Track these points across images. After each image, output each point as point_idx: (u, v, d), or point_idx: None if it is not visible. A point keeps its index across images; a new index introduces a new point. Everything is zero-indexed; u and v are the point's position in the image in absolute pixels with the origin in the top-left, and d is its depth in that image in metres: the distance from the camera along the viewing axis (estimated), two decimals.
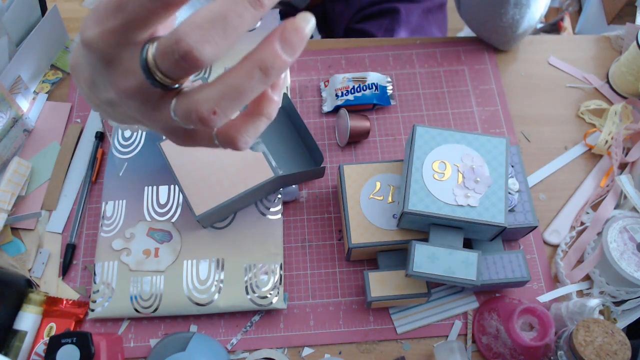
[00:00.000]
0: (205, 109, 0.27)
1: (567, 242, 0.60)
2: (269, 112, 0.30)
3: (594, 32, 1.30)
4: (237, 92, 0.26)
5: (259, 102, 0.30)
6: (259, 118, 0.30)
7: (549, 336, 0.50)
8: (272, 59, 0.25)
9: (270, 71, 0.26)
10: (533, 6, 0.63)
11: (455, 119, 0.67)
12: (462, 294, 0.58)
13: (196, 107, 0.27)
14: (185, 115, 0.28)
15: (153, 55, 0.26)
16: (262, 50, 0.26)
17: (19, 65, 0.64)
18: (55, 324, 0.55)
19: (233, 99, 0.26)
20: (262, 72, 0.26)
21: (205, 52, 0.24)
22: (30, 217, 0.62)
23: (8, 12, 0.63)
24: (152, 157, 0.62)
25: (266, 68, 0.25)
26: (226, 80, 0.26)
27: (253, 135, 0.30)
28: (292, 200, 0.63)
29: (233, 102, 0.27)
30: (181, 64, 0.25)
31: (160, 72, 0.26)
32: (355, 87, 0.67)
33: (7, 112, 0.62)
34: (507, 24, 0.65)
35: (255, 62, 0.26)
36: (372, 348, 0.56)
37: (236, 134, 0.30)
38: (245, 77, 0.26)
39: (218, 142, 0.31)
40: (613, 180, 0.62)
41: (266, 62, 0.25)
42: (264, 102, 0.30)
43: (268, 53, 0.25)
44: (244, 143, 0.30)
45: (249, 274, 0.57)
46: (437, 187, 0.52)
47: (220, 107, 0.27)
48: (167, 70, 0.26)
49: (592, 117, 0.68)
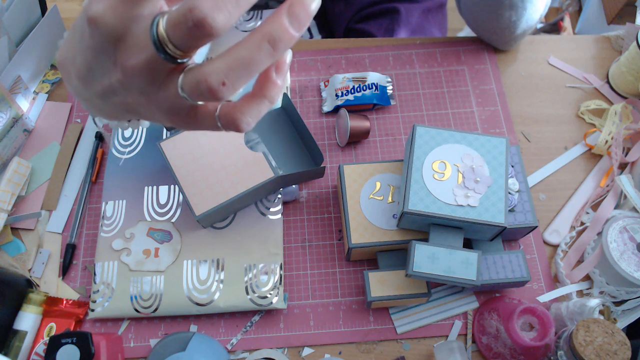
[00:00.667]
0: (214, 79, 0.27)
1: (567, 242, 0.60)
2: (271, 95, 0.30)
3: (594, 32, 1.30)
4: (245, 64, 0.27)
5: (262, 84, 0.30)
6: (261, 100, 0.30)
7: (549, 336, 0.50)
8: (280, 32, 0.26)
9: (278, 44, 0.27)
10: (530, 8, 0.63)
11: (455, 119, 0.67)
12: (462, 294, 0.58)
13: (205, 78, 0.27)
14: (193, 88, 0.28)
15: (164, 27, 0.26)
16: (271, 24, 0.26)
17: (19, 65, 0.64)
18: (55, 324, 0.55)
19: (241, 70, 0.27)
20: (270, 45, 0.27)
21: (218, 19, 0.25)
22: (30, 217, 0.62)
23: (8, 12, 0.63)
24: (152, 157, 0.62)
25: (274, 41, 0.26)
26: (235, 53, 0.27)
27: (255, 117, 0.31)
28: (292, 200, 0.63)
29: (241, 73, 0.27)
30: (194, 32, 0.25)
31: (172, 44, 0.27)
32: (355, 87, 0.67)
33: (7, 112, 0.62)
34: (505, 25, 0.65)
35: (264, 34, 0.26)
36: (372, 348, 0.56)
37: (239, 115, 0.30)
38: (254, 50, 0.27)
39: (220, 124, 0.31)
40: (613, 180, 0.62)
41: (274, 35, 0.26)
42: (267, 85, 0.30)
43: (276, 26, 0.26)
44: (246, 124, 0.31)
45: (249, 274, 0.57)
46: (437, 187, 0.52)
47: (229, 79, 0.27)
48: (179, 41, 0.26)
49: (592, 117, 0.68)
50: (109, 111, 0.35)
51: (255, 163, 0.56)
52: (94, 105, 0.35)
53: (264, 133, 0.63)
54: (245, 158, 0.56)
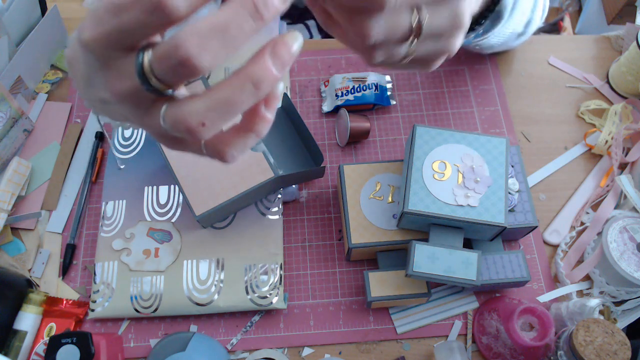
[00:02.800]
0: (193, 120, 0.27)
1: (567, 242, 0.60)
2: (259, 130, 0.30)
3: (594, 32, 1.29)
4: (227, 105, 0.26)
5: (251, 118, 0.30)
6: (248, 134, 0.30)
7: (549, 336, 0.50)
8: (262, 73, 0.26)
9: (261, 85, 0.26)
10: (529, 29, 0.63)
11: (455, 119, 0.67)
12: (462, 294, 0.58)
13: (185, 118, 0.27)
14: (173, 125, 0.28)
15: (149, 60, 0.26)
16: (254, 64, 0.26)
17: (19, 65, 0.64)
18: (55, 324, 0.55)
19: (222, 112, 0.27)
20: (253, 86, 0.26)
21: (203, 60, 0.24)
22: (30, 217, 0.62)
23: (8, 12, 0.63)
24: (152, 157, 0.62)
25: (257, 82, 0.26)
26: (217, 93, 0.26)
27: (241, 150, 0.30)
28: (292, 200, 0.63)
29: (222, 115, 0.27)
30: (178, 69, 0.25)
31: (155, 78, 0.26)
32: (355, 87, 0.67)
33: (7, 112, 0.62)
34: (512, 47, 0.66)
35: (247, 75, 0.26)
36: (372, 348, 0.56)
37: (224, 148, 0.30)
38: (236, 91, 0.26)
39: (206, 153, 0.31)
40: (613, 180, 0.62)
41: (257, 76, 0.26)
42: (255, 119, 0.30)
43: (259, 67, 0.26)
44: (231, 157, 0.30)
45: (249, 274, 0.57)
46: (437, 187, 0.52)
47: (209, 120, 0.27)
48: (163, 75, 0.26)
49: (592, 117, 0.68)
50: (110, 115, 0.36)
51: (255, 163, 0.56)
52: (98, 107, 0.36)
53: None
54: (245, 158, 0.56)
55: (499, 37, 0.57)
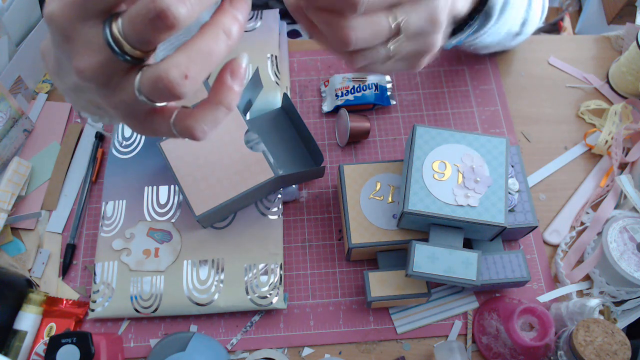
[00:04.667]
0: (176, 73, 0.26)
1: (567, 242, 0.60)
2: (228, 102, 0.30)
3: (594, 32, 1.29)
4: (206, 55, 0.27)
5: (218, 90, 0.30)
6: (217, 107, 0.30)
7: (549, 336, 0.50)
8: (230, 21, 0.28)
9: (231, 33, 0.28)
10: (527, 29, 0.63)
11: (455, 119, 0.67)
12: (462, 294, 0.58)
13: (166, 73, 0.26)
14: (152, 85, 0.27)
15: (120, 26, 0.26)
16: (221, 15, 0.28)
17: (19, 65, 0.64)
18: (55, 324, 0.55)
19: (203, 62, 0.27)
20: (225, 35, 0.28)
21: (180, 12, 0.25)
22: (30, 217, 0.62)
23: (8, 12, 0.63)
24: (152, 157, 0.62)
25: (228, 30, 0.28)
26: (195, 45, 0.27)
27: (211, 124, 0.30)
28: (292, 200, 0.63)
29: (203, 66, 0.27)
30: (155, 24, 0.25)
31: (128, 44, 0.26)
32: (355, 87, 0.67)
33: (7, 112, 0.62)
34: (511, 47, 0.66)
35: (217, 25, 0.28)
36: (372, 348, 0.56)
37: (194, 123, 0.30)
38: (212, 41, 0.27)
39: (176, 131, 0.31)
40: (613, 180, 0.62)
41: (227, 24, 0.28)
42: (223, 91, 0.30)
43: (227, 16, 0.28)
44: (201, 132, 0.30)
45: (249, 274, 0.57)
46: (437, 187, 0.52)
47: (191, 72, 0.27)
48: (138, 36, 0.26)
49: (592, 117, 0.68)
50: (83, 105, 0.35)
51: (255, 163, 0.56)
52: (71, 98, 0.35)
53: (264, 133, 0.63)
54: (245, 158, 0.56)
55: (493, 36, 0.57)
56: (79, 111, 0.40)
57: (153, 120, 0.31)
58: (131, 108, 0.30)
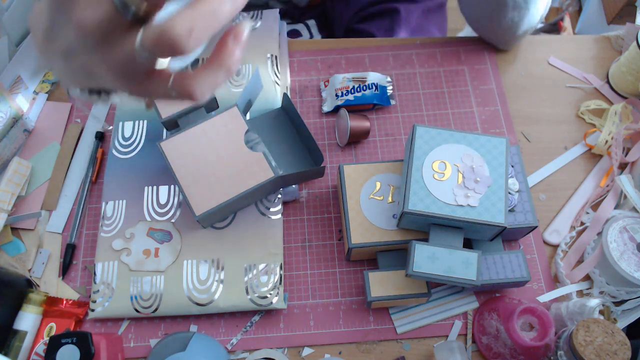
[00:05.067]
0: (182, 28, 0.26)
1: (567, 242, 0.60)
2: (228, 65, 0.30)
3: (594, 32, 1.29)
4: (212, 14, 0.27)
5: (219, 52, 0.30)
6: (218, 69, 0.30)
7: (549, 336, 0.50)
8: None
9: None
10: (532, 8, 0.63)
11: (455, 119, 0.67)
12: (462, 294, 0.58)
13: (172, 27, 0.26)
14: (156, 39, 0.27)
15: None
16: None
17: (19, 65, 0.64)
18: (55, 324, 0.55)
19: (209, 21, 0.27)
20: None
21: None
22: (30, 217, 0.62)
23: (8, 12, 0.63)
24: (152, 157, 0.62)
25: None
26: (201, 4, 0.27)
27: (210, 86, 0.30)
28: (292, 200, 0.63)
29: (208, 24, 0.27)
30: None
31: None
32: (355, 87, 0.67)
33: (7, 112, 0.62)
34: (507, 25, 0.65)
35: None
36: (372, 348, 0.56)
37: (193, 83, 0.30)
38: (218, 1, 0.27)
39: (174, 93, 0.31)
40: (613, 180, 0.62)
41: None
42: (224, 53, 0.30)
43: None
44: (200, 94, 0.30)
45: (249, 274, 0.57)
46: (437, 187, 0.52)
47: (196, 27, 0.27)
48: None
49: (592, 117, 0.68)
50: (71, 75, 0.34)
51: (255, 163, 0.56)
52: (58, 69, 0.35)
53: (264, 133, 0.63)
54: (245, 158, 0.56)
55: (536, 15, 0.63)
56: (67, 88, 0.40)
57: (150, 82, 0.31)
58: (128, 68, 0.30)
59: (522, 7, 0.62)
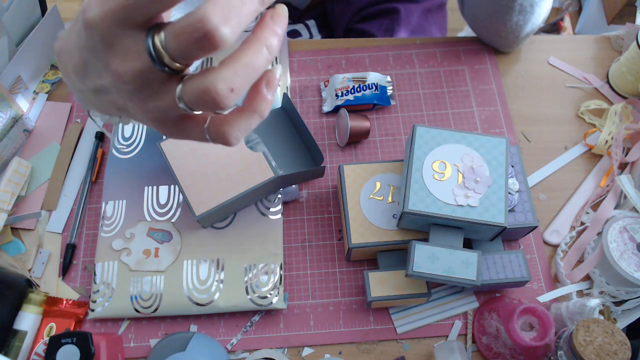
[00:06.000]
0: (223, 86, 0.27)
1: (567, 242, 0.60)
2: (261, 110, 0.31)
3: (594, 32, 1.29)
4: (250, 69, 0.28)
5: (253, 99, 0.31)
6: (251, 115, 0.31)
7: (549, 336, 0.50)
8: (272, 36, 0.28)
9: (272, 47, 0.29)
10: (537, 11, 0.63)
11: (455, 119, 0.67)
12: (462, 294, 0.58)
13: (214, 85, 0.27)
14: (198, 97, 0.28)
15: (162, 38, 0.27)
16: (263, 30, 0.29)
17: (19, 65, 0.64)
18: (55, 324, 0.55)
19: (247, 76, 0.28)
20: (267, 49, 0.28)
21: (225, 32, 0.25)
22: (30, 217, 0.62)
23: (8, 12, 0.63)
24: (152, 157, 0.62)
25: (270, 45, 0.28)
26: (239, 60, 0.28)
27: (244, 131, 0.31)
28: (292, 200, 0.63)
29: (247, 79, 0.28)
30: (201, 43, 0.26)
31: (169, 56, 0.27)
32: (355, 87, 0.67)
33: (7, 112, 0.62)
34: (511, 29, 0.65)
35: (259, 40, 0.28)
36: (372, 348, 0.56)
37: (228, 129, 0.31)
38: (255, 55, 0.28)
39: (209, 137, 0.31)
40: (613, 180, 0.62)
41: (269, 39, 0.28)
42: (257, 100, 0.31)
43: (268, 30, 0.28)
44: (235, 138, 0.31)
45: (249, 274, 0.57)
46: (437, 187, 0.52)
47: (237, 84, 0.28)
48: (180, 51, 0.27)
49: (592, 117, 0.68)
50: (101, 106, 0.35)
51: (255, 163, 0.56)
52: (87, 99, 0.35)
53: (264, 133, 0.63)
54: (245, 158, 0.56)
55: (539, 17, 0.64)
56: (88, 110, 0.40)
57: (185, 125, 0.32)
58: (165, 113, 0.31)
59: (528, 11, 0.62)
